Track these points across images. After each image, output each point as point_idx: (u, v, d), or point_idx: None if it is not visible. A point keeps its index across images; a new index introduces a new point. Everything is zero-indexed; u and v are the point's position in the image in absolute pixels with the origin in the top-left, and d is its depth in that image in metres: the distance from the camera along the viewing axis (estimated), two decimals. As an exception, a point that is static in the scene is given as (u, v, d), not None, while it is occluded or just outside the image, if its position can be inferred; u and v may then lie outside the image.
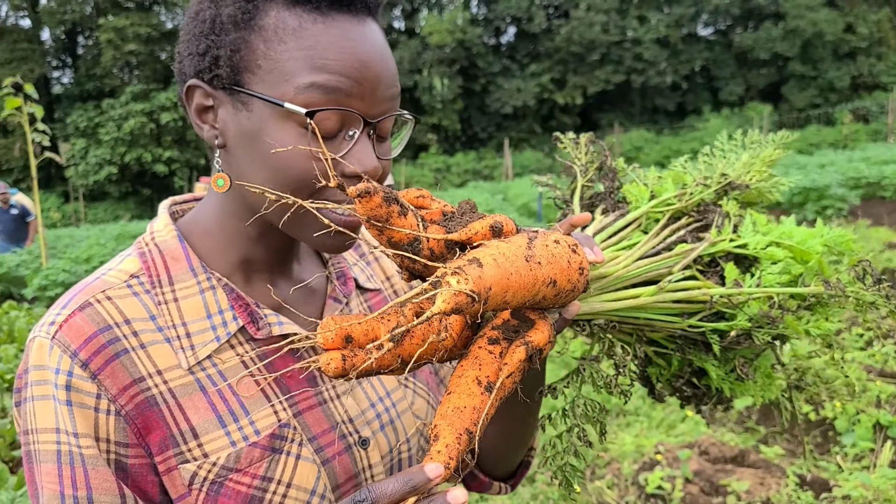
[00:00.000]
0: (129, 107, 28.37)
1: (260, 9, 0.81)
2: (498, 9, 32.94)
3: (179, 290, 0.88)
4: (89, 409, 0.80)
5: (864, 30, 31.78)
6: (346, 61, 0.79)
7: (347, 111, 0.80)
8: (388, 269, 1.13)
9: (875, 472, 3.66)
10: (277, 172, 0.81)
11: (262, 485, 0.84)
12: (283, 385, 0.89)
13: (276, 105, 0.79)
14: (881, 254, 7.73)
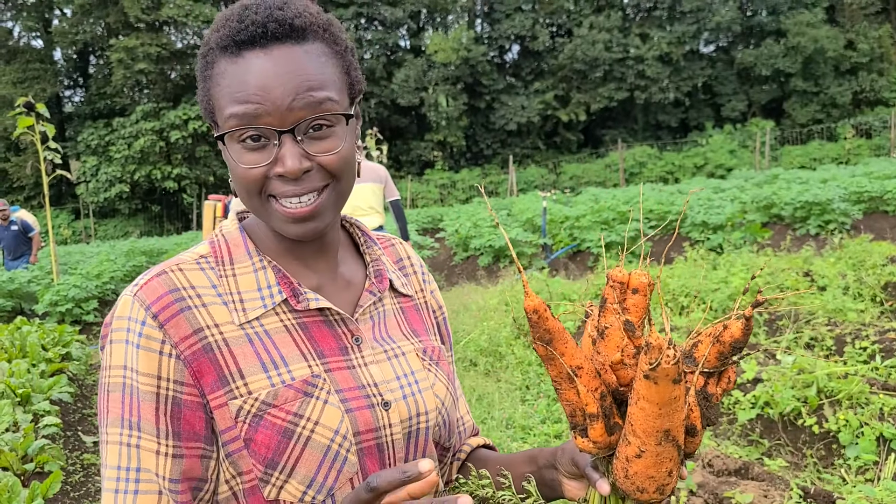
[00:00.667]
0: (140, 125, 28.67)
1: (210, 61, 1.03)
2: (502, 27, 33.18)
3: (238, 268, 1.08)
4: (154, 352, 0.98)
5: (865, 46, 31.91)
6: (249, 89, 0.98)
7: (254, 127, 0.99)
8: (420, 283, 1.30)
9: (879, 485, 3.70)
10: (237, 182, 1.04)
11: (295, 419, 1.01)
12: (318, 349, 1.06)
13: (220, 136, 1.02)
14: (884, 268, 7.78)
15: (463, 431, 1.33)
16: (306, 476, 1.01)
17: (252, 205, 1.05)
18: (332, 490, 1.02)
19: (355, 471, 1.04)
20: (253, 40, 0.99)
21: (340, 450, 1.02)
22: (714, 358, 0.91)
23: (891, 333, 5.53)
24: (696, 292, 7.39)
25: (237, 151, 1.01)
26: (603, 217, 13.48)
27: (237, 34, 0.99)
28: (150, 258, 14.57)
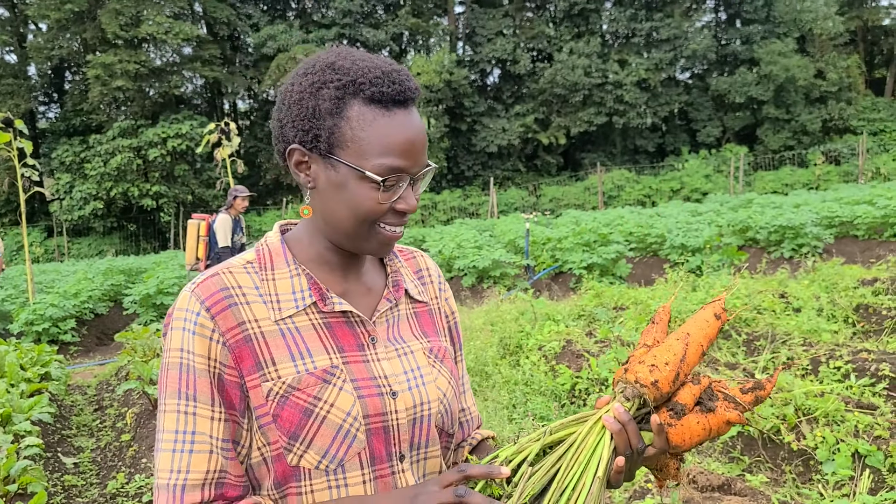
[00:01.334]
0: (117, 142, 28.24)
1: (347, 104, 1.19)
2: (483, 51, 33.55)
3: (277, 273, 1.28)
4: (206, 338, 1.19)
5: (834, 75, 32.64)
6: (402, 144, 1.19)
7: (401, 175, 1.20)
8: (436, 291, 1.49)
9: (855, 500, 3.86)
10: (355, 210, 1.22)
11: (314, 401, 1.20)
12: (339, 344, 1.26)
13: (358, 171, 1.20)
14: (855, 290, 8.01)
15: (469, 420, 1.52)
16: (321, 448, 1.21)
17: (358, 230, 1.24)
18: (342, 461, 1.22)
19: (363, 447, 1.23)
20: (403, 102, 1.21)
21: (351, 429, 1.21)
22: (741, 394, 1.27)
23: (863, 353, 5.72)
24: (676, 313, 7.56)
25: (370, 189, 1.21)
26: (584, 239, 13.68)
27: (394, 94, 1.20)
28: (129, 277, 14.48)
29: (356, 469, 1.23)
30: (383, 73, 1.20)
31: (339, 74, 1.20)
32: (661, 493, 3.99)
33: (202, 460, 1.18)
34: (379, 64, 1.22)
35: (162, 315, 12.02)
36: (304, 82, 1.22)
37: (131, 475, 4.92)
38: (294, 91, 1.23)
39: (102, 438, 5.81)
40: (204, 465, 1.18)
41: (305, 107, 1.21)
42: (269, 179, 32.11)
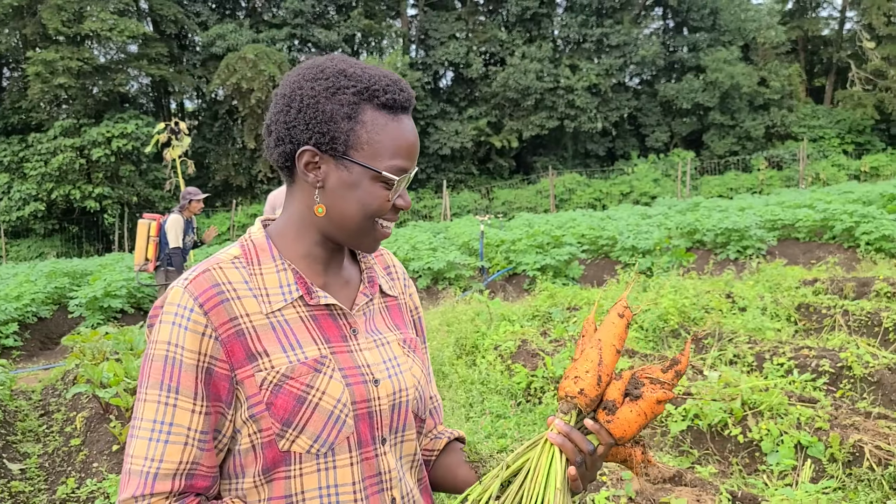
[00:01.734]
0: (58, 141, 27.38)
1: (361, 109, 1.29)
2: (436, 54, 33.65)
3: (264, 268, 1.34)
4: (199, 334, 1.24)
5: (777, 83, 33.63)
6: (408, 147, 1.32)
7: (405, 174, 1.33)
8: (402, 287, 1.59)
9: (798, 488, 4.04)
10: (366, 207, 1.31)
11: (307, 389, 1.27)
12: (325, 336, 1.33)
13: (372, 171, 1.30)
14: (797, 290, 8.32)
15: (437, 408, 1.62)
16: (314, 433, 1.27)
17: (362, 225, 1.34)
18: (332, 444, 1.29)
19: (351, 431, 1.30)
20: (406, 108, 1.34)
21: (341, 415, 1.29)
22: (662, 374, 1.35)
23: (805, 350, 5.96)
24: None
25: (379, 188, 1.31)
26: (538, 241, 13.87)
27: (403, 101, 1.33)
28: (73, 280, 14.12)
29: (345, 452, 1.31)
30: (392, 82, 1.31)
31: (353, 81, 1.30)
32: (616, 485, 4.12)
33: (177, 451, 1.23)
34: (385, 73, 1.33)
35: (110, 318, 11.77)
36: (318, 87, 1.29)
37: (82, 480, 4.83)
38: (306, 95, 1.30)
39: (50, 444, 5.67)
40: (178, 455, 1.23)
41: (321, 110, 1.29)
42: (218, 181, 31.65)
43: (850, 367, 5.45)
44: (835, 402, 4.97)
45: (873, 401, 5.18)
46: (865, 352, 5.68)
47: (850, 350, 5.70)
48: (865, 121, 33.42)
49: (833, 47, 37.05)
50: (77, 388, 5.44)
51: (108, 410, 5.62)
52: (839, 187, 19.97)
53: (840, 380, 5.47)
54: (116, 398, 5.27)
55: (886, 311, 6.99)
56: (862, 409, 4.89)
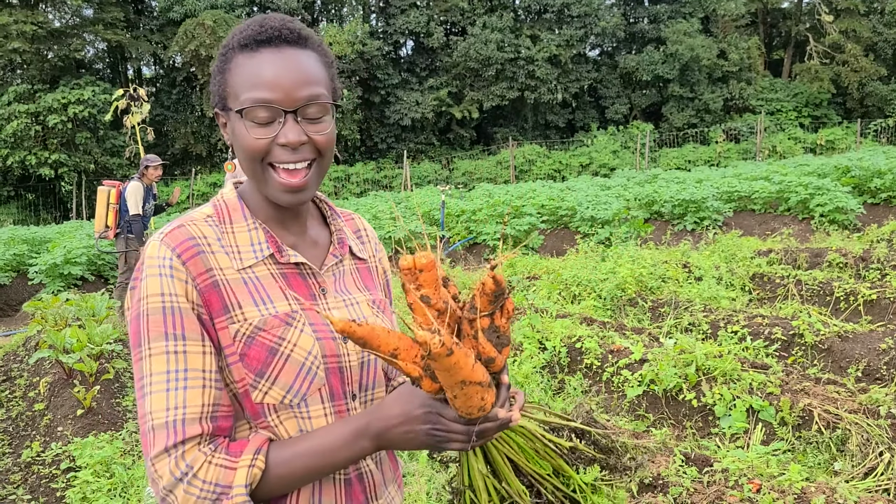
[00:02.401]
0: (12, 107, 26.64)
1: (230, 59, 1.32)
2: (397, 23, 33.28)
3: (236, 227, 1.36)
4: (183, 281, 1.25)
5: (736, 56, 33.98)
6: (265, 78, 1.27)
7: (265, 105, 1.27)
8: (373, 250, 1.61)
9: (749, 450, 4.18)
10: (244, 152, 1.31)
11: (279, 341, 1.29)
12: (295, 293, 1.35)
13: (234, 113, 1.30)
14: (752, 260, 8.52)
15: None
16: (286, 384, 1.29)
17: (254, 173, 1.32)
18: (304, 395, 1.31)
19: (322, 383, 1.33)
20: (269, 41, 1.29)
21: (312, 366, 1.31)
22: (486, 304, 1.27)
23: (758, 318, 6.13)
24: (587, 281, 7.86)
25: (249, 127, 1.28)
26: (498, 211, 13.94)
27: (257, 35, 1.29)
28: (32, 247, 13.87)
29: (318, 403, 1.33)
30: (256, 21, 1.31)
31: (233, 34, 1.33)
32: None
33: (197, 395, 1.24)
34: (265, 18, 1.32)
35: (70, 285, 11.64)
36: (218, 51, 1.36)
37: (47, 444, 4.82)
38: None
39: (13, 409, 5.64)
40: (199, 398, 1.24)
41: (215, 71, 1.35)
42: (177, 149, 31.09)
43: (802, 334, 5.62)
44: (786, 369, 5.13)
45: (823, 367, 5.36)
46: (817, 320, 5.85)
47: (802, 318, 5.87)
48: (822, 94, 34.00)
49: (792, 20, 37.51)
50: (40, 353, 5.40)
51: (71, 375, 5.60)
52: (795, 160, 20.36)
53: (792, 347, 5.64)
54: (80, 363, 5.24)
55: (838, 281, 7.20)
56: (812, 374, 5.05)
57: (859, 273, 7.92)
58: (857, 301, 6.76)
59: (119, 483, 4.04)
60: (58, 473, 4.38)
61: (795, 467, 3.55)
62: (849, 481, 3.69)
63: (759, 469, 3.66)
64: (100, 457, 4.21)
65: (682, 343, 5.22)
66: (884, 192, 13.48)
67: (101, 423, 5.01)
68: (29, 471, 4.56)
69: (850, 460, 3.97)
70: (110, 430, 4.89)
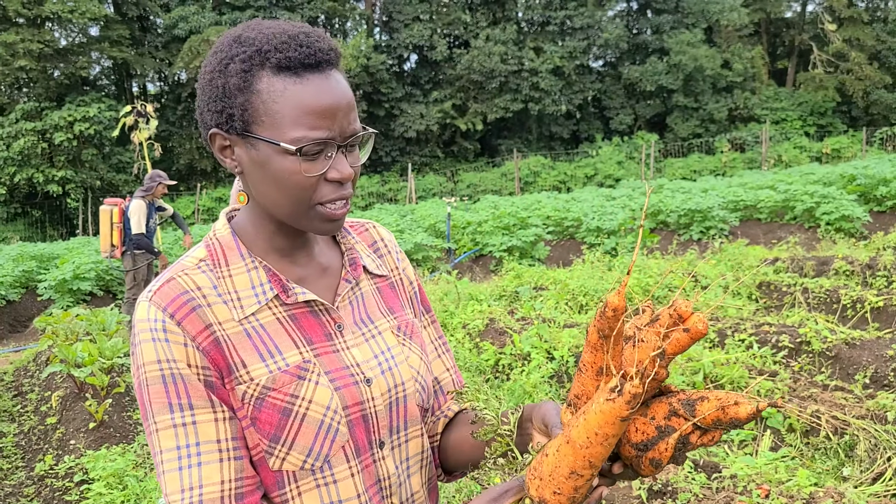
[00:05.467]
0: (20, 125, 26.84)
1: (255, 77, 1.12)
2: (400, 37, 33.48)
3: (233, 269, 1.21)
4: (181, 345, 1.12)
5: (740, 66, 34.04)
6: (318, 110, 1.11)
7: (323, 142, 1.12)
8: (394, 262, 1.44)
9: (758, 457, 4.19)
10: (284, 186, 1.14)
11: (291, 399, 1.15)
12: (307, 336, 1.21)
13: (275, 145, 1.12)
14: (758, 269, 8.53)
15: (440, 390, 1.45)
16: (305, 447, 1.16)
17: (296, 209, 1.16)
18: (327, 457, 1.18)
19: (346, 439, 1.19)
20: (313, 65, 1.12)
21: (332, 423, 1.17)
22: (710, 420, 0.98)
23: (765, 326, 6.13)
24: (593, 291, 7.88)
25: (289, 162, 1.12)
26: (504, 223, 13.98)
27: (304, 58, 1.12)
28: (41, 263, 13.96)
29: (343, 463, 1.20)
30: (290, 38, 1.13)
31: (245, 47, 1.13)
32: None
33: (214, 471, 1.12)
34: (287, 29, 1.15)
35: (79, 300, 11.71)
36: (213, 61, 1.16)
37: (60, 457, 4.87)
38: (206, 72, 1.17)
39: (25, 423, 5.69)
40: (217, 475, 1.12)
41: (216, 86, 1.15)
42: (182, 164, 31.27)
43: (809, 342, 5.63)
44: (793, 376, 5.14)
45: (830, 374, 5.36)
46: (824, 327, 5.86)
47: (809, 326, 5.88)
48: (827, 103, 33.98)
49: (795, 29, 37.61)
50: (52, 367, 5.45)
51: (83, 389, 5.65)
52: (801, 169, 20.36)
53: (799, 354, 5.64)
54: (92, 377, 5.29)
55: (844, 289, 7.21)
56: (820, 381, 5.06)
57: (866, 280, 7.93)
58: (864, 308, 6.76)
59: (132, 495, 4.07)
60: (71, 486, 4.42)
61: (804, 473, 3.56)
62: (857, 486, 3.70)
63: (767, 475, 3.67)
64: (112, 469, 4.25)
65: (689, 351, 5.24)
66: (890, 200, 13.48)
67: (113, 435, 5.05)
68: (42, 484, 4.60)
69: (859, 466, 3.98)
70: (122, 443, 4.93)
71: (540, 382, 5.52)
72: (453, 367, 1.50)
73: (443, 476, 1.45)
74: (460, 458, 1.37)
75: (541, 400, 5.30)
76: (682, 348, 0.98)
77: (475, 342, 6.49)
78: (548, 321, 6.70)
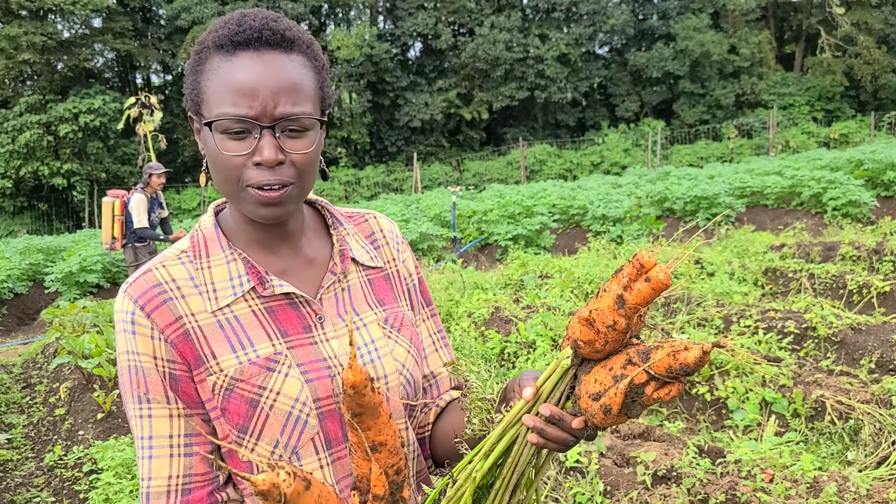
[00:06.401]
0: (24, 118, 26.92)
1: (204, 58, 1.15)
2: (405, 25, 33.38)
3: (213, 260, 1.22)
4: (147, 337, 1.15)
5: (747, 51, 33.84)
6: (240, 88, 1.10)
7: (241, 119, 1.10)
8: (392, 253, 1.40)
9: (763, 442, 4.19)
10: (215, 165, 1.16)
11: (259, 391, 1.16)
12: (282, 329, 1.20)
13: (207, 123, 1.13)
14: (764, 255, 8.50)
15: (435, 384, 1.43)
16: (272, 438, 1.17)
17: (228, 190, 1.17)
18: (295, 448, 1.18)
19: (315, 431, 1.19)
20: (248, 43, 1.12)
21: (301, 414, 1.17)
22: (662, 367, 0.98)
23: (771, 312, 6.12)
24: (599, 279, 7.88)
25: (221, 140, 1.12)
26: (509, 211, 13.97)
27: (234, 35, 1.12)
28: (48, 256, 14.04)
29: (311, 455, 1.20)
30: (234, 18, 1.15)
31: (209, 31, 1.17)
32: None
33: (163, 465, 1.16)
34: (246, 12, 1.16)
35: (86, 293, 11.81)
36: (193, 49, 1.19)
37: (69, 447, 4.91)
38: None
39: (34, 414, 5.75)
40: (165, 470, 1.16)
41: (187, 70, 1.19)
42: (187, 157, 31.30)
43: (815, 327, 5.62)
44: (799, 361, 5.13)
45: (836, 359, 5.36)
46: (830, 313, 5.85)
47: (815, 311, 5.86)
48: (835, 88, 33.78)
49: (803, 13, 37.29)
50: (59, 359, 5.50)
51: (91, 380, 5.70)
52: (808, 154, 20.26)
53: (805, 340, 5.64)
54: (99, 368, 5.34)
55: (851, 274, 7.19)
56: (825, 367, 5.06)
57: (872, 266, 7.90)
58: (871, 293, 6.74)
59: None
60: (80, 476, 4.46)
61: (808, 457, 3.57)
62: (861, 470, 3.71)
63: (771, 460, 3.68)
64: (121, 459, 4.29)
65: (694, 338, 5.23)
66: (897, 185, 13.41)
67: (121, 426, 5.08)
68: (52, 474, 4.65)
69: (863, 450, 3.99)
70: (130, 434, 4.97)
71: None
72: (452, 361, 1.48)
73: (434, 468, 1.43)
74: (450, 445, 1.34)
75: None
76: (645, 299, 1.01)
77: (481, 331, 6.50)
78: (553, 309, 6.70)
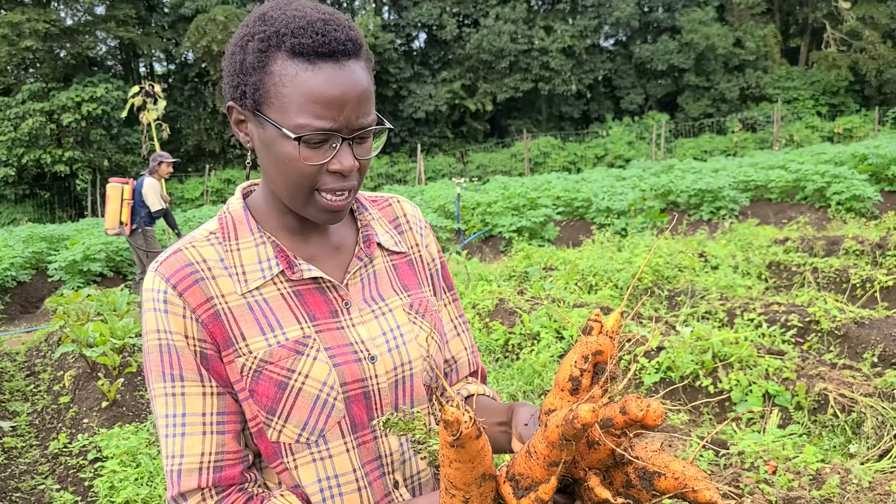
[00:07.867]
0: (27, 106, 26.82)
1: (270, 58, 1.12)
2: (409, 15, 33.29)
3: (242, 243, 1.23)
4: (180, 316, 1.16)
5: (752, 44, 33.70)
6: (325, 100, 1.10)
7: (325, 132, 1.12)
8: (416, 238, 1.43)
9: (766, 434, 4.21)
10: (284, 171, 1.16)
11: (287, 374, 1.18)
12: (310, 313, 1.23)
13: (279, 129, 1.13)
14: (768, 249, 8.51)
15: (455, 368, 1.46)
16: (300, 420, 1.18)
17: (296, 194, 1.17)
18: (322, 431, 1.20)
19: (342, 415, 1.21)
20: (328, 54, 1.11)
21: (328, 398, 1.19)
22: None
23: (774, 306, 6.13)
24: (603, 271, 7.89)
25: (291, 148, 1.13)
26: (514, 203, 13.97)
27: (318, 46, 1.11)
28: (51, 244, 14.06)
29: (338, 438, 1.22)
30: (308, 23, 1.12)
31: (266, 26, 1.14)
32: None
33: (195, 443, 1.17)
34: (308, 13, 1.14)
35: (90, 281, 11.81)
36: (238, 35, 1.17)
37: (73, 435, 4.93)
38: (231, 45, 1.19)
39: (38, 402, 5.77)
40: (198, 447, 1.17)
41: (235, 61, 1.17)
42: (190, 146, 31.30)
43: (818, 321, 5.63)
44: (802, 354, 5.14)
45: (839, 353, 5.37)
46: (833, 306, 5.85)
47: (818, 305, 5.87)
48: (840, 82, 33.63)
49: (808, 7, 37.10)
50: (64, 347, 5.52)
51: (95, 369, 5.71)
52: (812, 149, 20.21)
53: (808, 333, 5.64)
54: (103, 357, 5.35)
55: (854, 268, 7.19)
56: (828, 360, 5.06)
57: (876, 260, 7.90)
58: (874, 288, 6.75)
59: (145, 472, 4.13)
60: (85, 464, 4.48)
61: (811, 449, 3.58)
62: (864, 463, 3.72)
63: (775, 452, 3.69)
64: (126, 447, 4.31)
65: (698, 331, 5.24)
66: (901, 179, 13.38)
67: (125, 414, 5.11)
68: (56, 462, 4.67)
69: (866, 442, 4.00)
70: (135, 422, 4.99)
71: (549, 362, 5.55)
72: (472, 346, 1.50)
73: None
74: None
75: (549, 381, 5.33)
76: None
77: (485, 322, 6.52)
78: (557, 301, 6.72)
